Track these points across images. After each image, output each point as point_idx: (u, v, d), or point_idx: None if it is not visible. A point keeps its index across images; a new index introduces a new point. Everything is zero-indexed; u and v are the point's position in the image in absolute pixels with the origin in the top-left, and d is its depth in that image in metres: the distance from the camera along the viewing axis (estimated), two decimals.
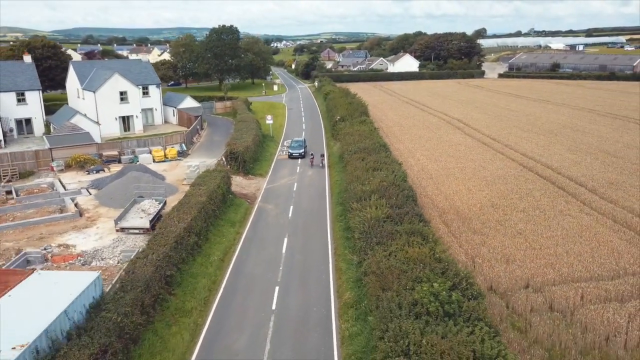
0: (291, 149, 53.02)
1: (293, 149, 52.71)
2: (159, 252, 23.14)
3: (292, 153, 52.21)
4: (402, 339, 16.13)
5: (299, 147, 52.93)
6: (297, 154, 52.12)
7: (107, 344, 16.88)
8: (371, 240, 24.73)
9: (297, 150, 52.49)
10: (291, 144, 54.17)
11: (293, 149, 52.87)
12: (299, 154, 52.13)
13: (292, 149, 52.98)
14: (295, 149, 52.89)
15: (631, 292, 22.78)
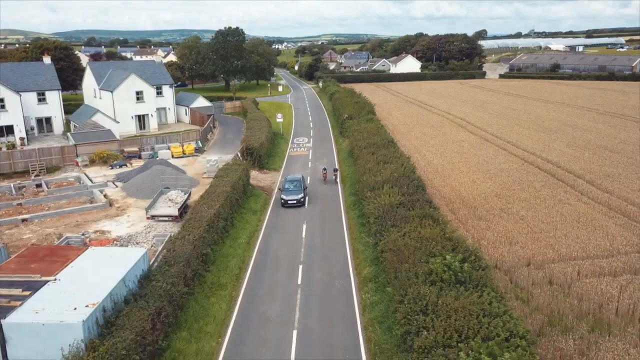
0: (285, 192, 37.01)
1: (288, 194, 36.80)
2: (195, 234, 25.54)
3: (287, 200, 36.48)
4: (420, 301, 18.50)
5: (296, 191, 37.16)
6: (295, 202, 36.46)
7: (160, 307, 19.28)
8: (386, 224, 27.10)
9: (294, 195, 36.76)
10: (285, 185, 38.23)
11: (288, 192, 36.94)
12: (296, 201, 36.45)
13: (286, 192, 36.98)
14: (290, 192, 36.96)
15: (623, 268, 25.15)
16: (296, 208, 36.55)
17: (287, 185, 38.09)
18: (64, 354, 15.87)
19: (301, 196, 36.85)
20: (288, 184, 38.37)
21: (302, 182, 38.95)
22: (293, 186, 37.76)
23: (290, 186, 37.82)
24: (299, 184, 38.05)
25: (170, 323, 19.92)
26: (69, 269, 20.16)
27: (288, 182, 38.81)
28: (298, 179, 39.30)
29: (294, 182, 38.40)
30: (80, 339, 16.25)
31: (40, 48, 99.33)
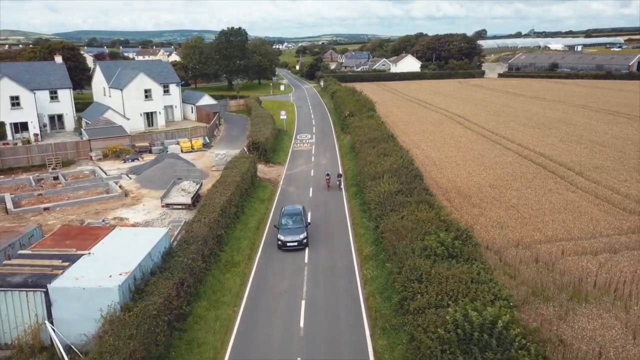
0: (283, 231, 28.71)
1: (286, 233, 28.52)
2: (210, 217, 27.78)
3: (286, 242, 28.18)
4: (415, 271, 20.73)
5: (296, 229, 28.88)
6: (295, 244, 28.23)
7: (183, 278, 21.52)
8: (385, 209, 29.34)
9: (294, 234, 28.50)
10: (281, 220, 29.62)
11: (286, 231, 28.66)
12: (297, 243, 28.24)
13: (284, 231, 28.70)
14: (290, 231, 28.71)
15: (603, 247, 27.38)
16: (301, 196, 38.78)
17: (285, 221, 29.40)
18: (102, 314, 18.13)
19: (303, 236, 28.39)
20: (286, 218, 29.61)
21: (303, 215, 30.47)
22: (292, 222, 29.26)
23: (288, 222, 29.29)
24: (299, 219, 29.53)
25: (191, 293, 22.17)
26: (100, 245, 22.41)
27: (286, 216, 29.94)
28: (298, 211, 30.62)
29: (293, 217, 29.73)
30: (116, 301, 18.51)
31: (48, 48, 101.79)
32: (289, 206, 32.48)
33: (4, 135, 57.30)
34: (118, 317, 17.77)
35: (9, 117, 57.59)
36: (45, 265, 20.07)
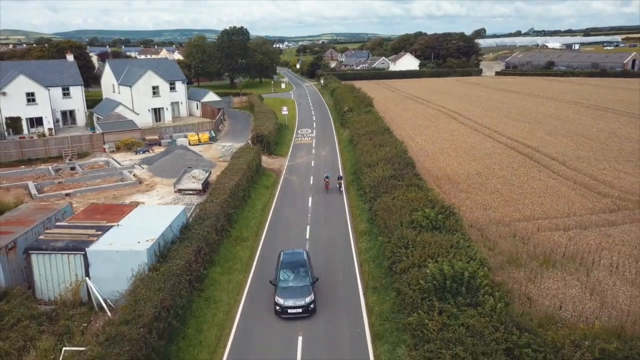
0: (281, 292, 21.66)
1: (287, 295, 21.49)
2: (221, 198, 30.86)
3: (287, 308, 21.14)
4: (403, 239, 23.78)
5: (300, 290, 21.77)
6: (299, 310, 21.15)
7: (200, 246, 24.60)
8: (379, 191, 32.40)
9: (298, 296, 21.39)
10: (280, 275, 22.56)
11: (286, 293, 21.59)
12: (302, 310, 21.15)
13: (283, 292, 21.63)
14: (290, 293, 21.60)
15: (575, 225, 30.45)
16: (303, 184, 41.87)
17: (284, 275, 22.05)
18: (133, 273, 21.20)
19: (310, 300, 21.15)
20: (285, 271, 22.24)
21: (308, 265, 22.79)
22: (294, 277, 21.96)
23: (288, 276, 21.99)
24: (303, 272, 22.15)
25: (207, 260, 25.25)
26: (126, 218, 25.49)
27: (285, 267, 22.50)
28: (301, 260, 22.98)
29: (294, 269, 22.33)
30: (145, 262, 21.60)
31: (56, 47, 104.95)
32: (288, 251, 24.33)
33: (20, 129, 60.38)
34: (147, 275, 20.85)
35: (25, 112, 60.66)
36: (81, 233, 23.16)
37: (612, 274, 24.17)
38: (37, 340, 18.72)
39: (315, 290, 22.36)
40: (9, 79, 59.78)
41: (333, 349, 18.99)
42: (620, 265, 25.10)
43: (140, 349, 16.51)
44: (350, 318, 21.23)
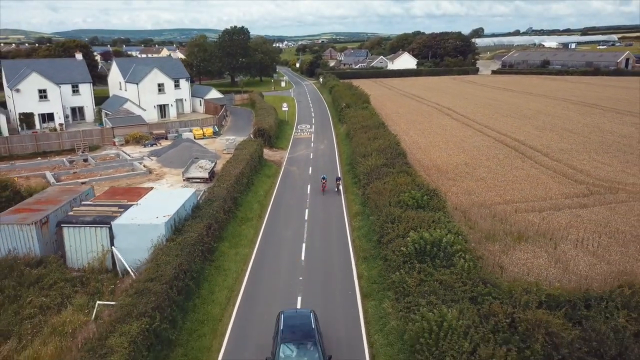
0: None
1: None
2: (227, 183, 33.88)
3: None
4: (390, 216, 26.80)
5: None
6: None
7: (210, 223, 27.61)
8: (372, 177, 35.43)
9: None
10: (279, 351, 16.83)
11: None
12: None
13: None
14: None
15: (549, 207, 33.47)
16: (302, 174, 44.84)
17: (286, 350, 16.95)
18: (153, 244, 24.19)
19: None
20: (287, 345, 17.09)
21: (317, 334, 17.68)
22: (298, 353, 16.82)
23: (290, 352, 16.93)
24: (311, 346, 16.97)
25: (217, 235, 28.27)
26: (144, 199, 28.50)
27: (286, 337, 17.42)
28: (307, 326, 18.00)
29: (300, 340, 17.22)
30: (163, 234, 24.61)
31: (62, 47, 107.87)
32: (289, 311, 19.25)
33: (32, 124, 63.34)
34: (165, 245, 23.86)
35: (37, 108, 63.62)
36: (106, 210, 26.17)
37: (577, 247, 27.19)
38: (72, 298, 21.74)
39: (314, 263, 25.41)
40: (22, 77, 62.73)
41: (328, 305, 21.99)
42: (585, 239, 28.12)
43: (163, 301, 19.51)
44: (343, 283, 24.24)
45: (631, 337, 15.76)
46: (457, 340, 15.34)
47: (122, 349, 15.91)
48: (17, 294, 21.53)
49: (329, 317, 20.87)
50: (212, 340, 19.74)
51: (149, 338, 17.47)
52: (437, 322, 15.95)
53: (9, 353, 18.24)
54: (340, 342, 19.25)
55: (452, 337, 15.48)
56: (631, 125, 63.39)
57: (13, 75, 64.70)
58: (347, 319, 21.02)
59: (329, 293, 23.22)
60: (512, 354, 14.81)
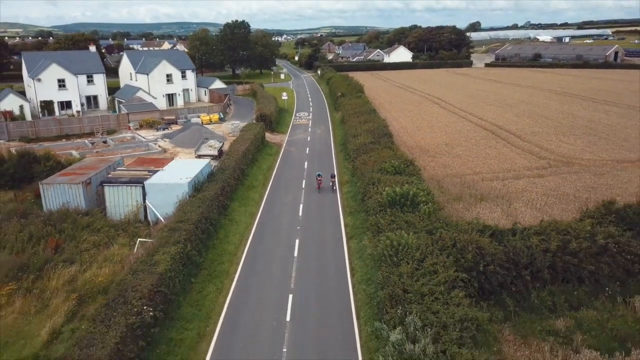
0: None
1: None
2: (235, 157, 39.50)
3: None
4: (372, 179, 32.45)
5: None
6: None
7: (223, 186, 33.24)
8: (360, 152, 41.07)
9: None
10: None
11: None
12: None
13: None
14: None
15: (511, 177, 39.16)
16: (300, 153, 50.43)
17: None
18: (178, 199, 29.82)
19: None
20: None
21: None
22: None
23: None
24: None
25: (228, 197, 33.92)
26: (167, 166, 34.15)
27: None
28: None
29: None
30: (186, 192, 30.26)
31: (71, 40, 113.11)
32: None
33: (52, 111, 68.83)
34: (189, 200, 29.52)
35: (57, 96, 69.10)
36: (138, 173, 31.81)
37: (527, 205, 32.89)
38: (117, 238, 27.43)
39: (309, 217, 31.27)
40: (42, 67, 68.17)
41: (320, 245, 27.70)
42: (535, 200, 33.82)
43: (191, 236, 25.18)
44: (333, 230, 29.97)
45: (539, 252, 21.47)
46: (411, 252, 21.04)
47: (165, 262, 21.60)
48: (74, 234, 27.21)
49: (322, 254, 26.60)
50: (229, 267, 25.47)
51: (183, 259, 23.17)
52: (397, 240, 21.66)
53: (75, 274, 23.89)
54: (330, 268, 24.98)
55: (407, 250, 21.18)
56: (603, 112, 69.04)
57: (33, 66, 70.10)
58: (335, 253, 26.75)
59: (321, 237, 28.95)
60: (450, 260, 20.51)
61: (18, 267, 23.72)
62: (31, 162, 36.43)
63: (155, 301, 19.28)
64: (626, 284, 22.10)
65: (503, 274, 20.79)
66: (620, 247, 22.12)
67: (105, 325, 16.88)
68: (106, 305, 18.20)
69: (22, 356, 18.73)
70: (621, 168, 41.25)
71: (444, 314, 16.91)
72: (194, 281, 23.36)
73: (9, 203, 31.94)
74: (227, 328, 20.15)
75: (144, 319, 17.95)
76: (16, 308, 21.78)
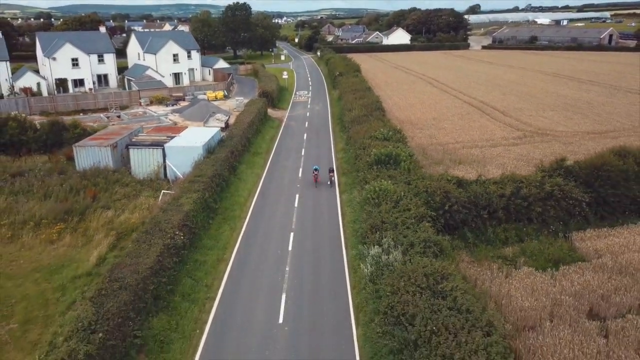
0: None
1: None
2: (241, 127, 44.01)
3: None
4: (363, 144, 37.01)
5: None
6: None
7: (232, 150, 37.85)
8: (354, 124, 45.57)
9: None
10: None
11: None
12: None
13: None
14: None
15: (488, 145, 43.73)
16: (300, 127, 54.92)
17: None
18: (194, 160, 34.41)
19: None
20: None
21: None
22: None
23: None
24: None
25: (237, 159, 38.55)
26: (183, 133, 38.70)
27: None
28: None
29: None
30: (201, 154, 34.86)
31: (78, 21, 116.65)
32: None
33: (66, 88, 73.04)
34: (203, 160, 34.13)
35: (71, 74, 73.24)
36: (158, 138, 36.38)
37: (498, 167, 37.42)
38: (143, 191, 32.10)
39: (308, 178, 36.02)
40: (57, 47, 72.19)
41: (316, 198, 32.40)
42: (506, 164, 38.37)
43: (208, 187, 29.81)
44: (328, 187, 34.65)
45: (496, 196, 26.16)
46: (390, 195, 25.73)
47: (188, 204, 26.30)
48: (107, 187, 31.91)
49: (319, 205, 31.34)
50: (240, 213, 30.23)
51: (202, 203, 27.87)
52: (379, 187, 26.35)
53: (111, 217, 28.60)
54: (324, 213, 29.73)
55: (387, 194, 25.86)
56: (585, 91, 73.30)
57: (47, 46, 74.08)
58: (329, 204, 31.48)
59: (318, 192, 33.65)
60: (421, 201, 25.20)
61: (64, 211, 28.44)
62: (61, 130, 41.03)
63: (183, 231, 24.02)
64: (568, 224, 26.85)
65: (465, 213, 25.52)
66: (564, 194, 26.80)
67: (147, 244, 21.61)
68: (145, 232, 22.92)
69: (77, 273, 23.51)
70: (589, 138, 45.78)
71: (412, 236, 21.62)
72: (211, 222, 28.12)
73: (45, 164, 36.55)
74: (241, 255, 24.94)
75: (176, 242, 22.71)
76: (66, 242, 26.55)
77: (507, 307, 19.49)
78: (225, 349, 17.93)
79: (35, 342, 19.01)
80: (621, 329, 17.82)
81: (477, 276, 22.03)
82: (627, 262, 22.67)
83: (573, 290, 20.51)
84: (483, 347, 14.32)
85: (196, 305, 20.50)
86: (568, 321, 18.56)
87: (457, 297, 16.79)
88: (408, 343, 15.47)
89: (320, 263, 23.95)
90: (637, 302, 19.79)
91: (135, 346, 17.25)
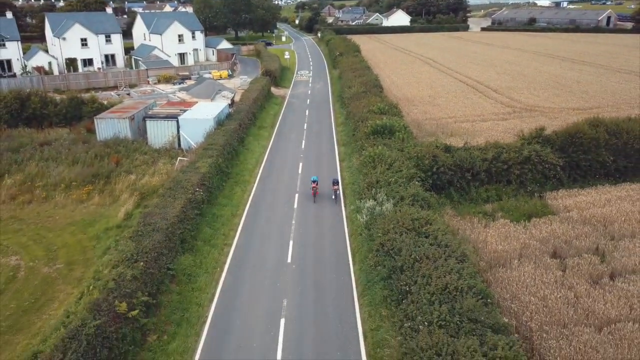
0: None
1: None
2: (247, 103, 46.96)
3: None
4: (362, 117, 40.05)
5: None
6: None
7: (240, 123, 40.88)
8: (353, 100, 48.52)
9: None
10: None
11: None
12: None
13: None
14: None
15: (479, 119, 46.75)
16: (302, 104, 57.83)
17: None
18: (206, 131, 37.46)
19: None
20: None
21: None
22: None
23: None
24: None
25: (245, 132, 41.61)
26: (194, 106, 41.72)
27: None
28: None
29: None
30: (212, 125, 37.93)
31: (82, 2, 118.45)
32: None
33: (76, 68, 75.67)
34: (214, 132, 37.19)
35: (80, 54, 75.82)
36: (172, 112, 39.39)
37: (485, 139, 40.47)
38: (160, 158, 35.25)
39: (310, 150, 39.12)
40: (66, 27, 74.61)
41: (318, 165, 35.57)
42: (494, 136, 41.38)
43: (220, 154, 32.96)
44: (329, 156, 37.81)
45: (479, 160, 29.34)
46: (384, 159, 28.88)
47: (204, 167, 29.47)
48: (128, 154, 35.06)
49: (320, 170, 34.53)
50: (249, 178, 33.45)
51: (216, 167, 31.05)
52: (375, 152, 29.51)
53: (134, 180, 31.79)
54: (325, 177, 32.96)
55: (382, 158, 29.03)
56: (577, 70, 75.97)
57: (57, 26, 76.43)
58: (330, 171, 34.66)
59: (319, 161, 36.83)
60: (412, 164, 28.36)
61: (92, 175, 31.63)
62: (79, 105, 44.04)
63: (202, 189, 27.23)
64: (544, 185, 30.08)
65: (450, 174, 28.73)
66: (541, 158, 29.97)
67: (172, 198, 24.83)
68: (169, 188, 26.14)
69: (109, 226, 26.79)
70: (574, 114, 48.69)
71: (403, 192, 24.84)
72: (224, 184, 31.35)
73: (69, 135, 39.64)
74: (252, 211, 28.21)
75: (197, 197, 25.96)
76: (95, 202, 29.80)
77: (483, 250, 22.80)
78: (242, 282, 21.27)
79: (80, 278, 22.36)
80: (576, 264, 21.15)
81: (460, 227, 25.30)
82: (591, 215, 25.95)
83: (540, 237, 23.80)
84: (456, 270, 17.62)
85: (216, 249, 23.83)
86: (533, 260, 21.87)
87: (437, 236, 20.08)
88: (395, 269, 18.77)
89: (323, 217, 27.21)
90: (595, 246, 23.08)
91: (169, 276, 20.58)
